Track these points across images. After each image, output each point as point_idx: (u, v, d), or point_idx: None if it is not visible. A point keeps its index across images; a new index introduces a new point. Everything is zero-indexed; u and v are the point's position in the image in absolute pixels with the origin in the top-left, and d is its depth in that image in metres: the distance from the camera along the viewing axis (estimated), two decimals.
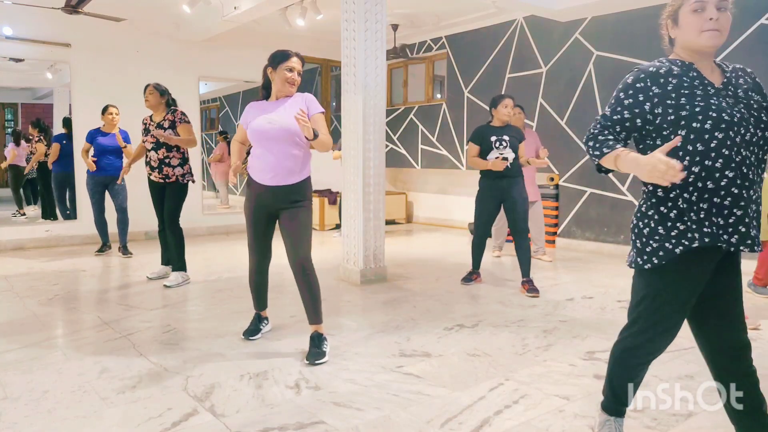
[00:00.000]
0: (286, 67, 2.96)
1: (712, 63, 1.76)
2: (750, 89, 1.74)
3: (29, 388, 2.57)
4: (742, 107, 1.67)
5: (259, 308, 3.37)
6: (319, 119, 2.98)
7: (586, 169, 6.39)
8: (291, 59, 2.98)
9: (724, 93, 1.70)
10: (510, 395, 2.51)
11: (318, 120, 2.97)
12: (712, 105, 1.65)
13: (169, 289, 4.48)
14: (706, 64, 1.74)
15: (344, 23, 4.77)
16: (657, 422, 2.26)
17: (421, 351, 3.10)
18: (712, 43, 1.67)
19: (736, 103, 1.68)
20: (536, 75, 6.89)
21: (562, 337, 3.35)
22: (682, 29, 1.72)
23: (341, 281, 4.85)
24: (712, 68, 1.75)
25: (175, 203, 4.59)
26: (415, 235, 7.84)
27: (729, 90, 1.71)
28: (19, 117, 9.17)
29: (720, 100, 1.67)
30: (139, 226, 6.67)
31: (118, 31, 6.56)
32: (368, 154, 4.75)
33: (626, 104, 1.73)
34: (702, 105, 1.65)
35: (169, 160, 4.53)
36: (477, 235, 4.67)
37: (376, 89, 4.75)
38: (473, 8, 6.96)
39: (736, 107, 1.66)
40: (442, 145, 8.29)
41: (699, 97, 1.66)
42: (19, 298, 4.23)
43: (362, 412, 2.35)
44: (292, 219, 2.99)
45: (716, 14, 1.65)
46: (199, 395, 2.50)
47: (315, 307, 3.03)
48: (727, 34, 1.68)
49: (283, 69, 2.96)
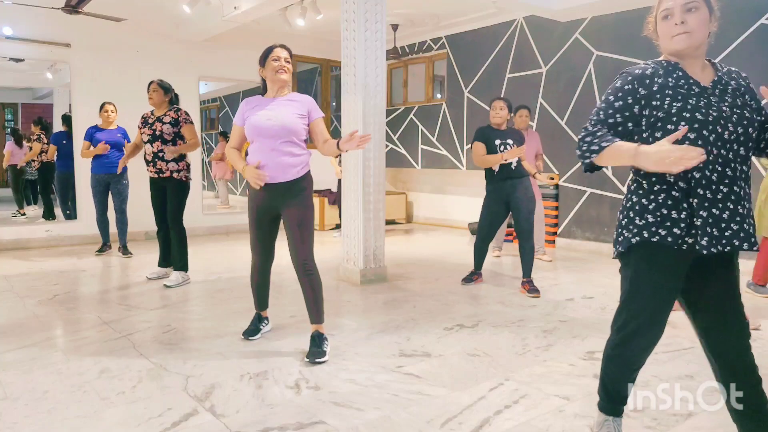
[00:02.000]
0: (272, 58, 2.99)
1: (703, 62, 1.78)
2: (739, 89, 1.75)
3: (29, 388, 2.57)
4: (725, 105, 1.69)
5: (259, 308, 3.37)
6: (320, 124, 3.04)
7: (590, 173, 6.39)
8: (274, 50, 3.01)
9: (711, 92, 1.72)
10: (510, 395, 2.51)
11: (320, 125, 3.04)
12: (688, 104, 1.67)
13: (169, 289, 4.48)
14: (694, 63, 1.76)
15: (344, 23, 4.77)
16: (657, 422, 2.26)
17: (421, 351, 3.10)
18: (683, 45, 1.71)
19: (720, 101, 1.70)
20: (536, 75, 6.89)
21: (562, 337, 3.35)
22: (659, 37, 1.79)
23: (341, 281, 4.85)
24: (702, 67, 1.78)
25: (176, 203, 4.57)
26: (415, 235, 7.84)
27: (717, 88, 1.73)
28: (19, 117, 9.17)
29: (699, 99, 1.69)
30: (139, 226, 6.67)
31: (118, 31, 6.56)
32: (368, 154, 4.75)
33: (617, 107, 1.76)
34: (678, 105, 1.68)
35: (163, 154, 4.51)
36: (480, 238, 4.65)
37: (376, 89, 4.75)
38: (473, 8, 6.96)
39: (715, 106, 1.68)
40: (442, 145, 8.29)
41: (680, 96, 1.69)
42: (19, 298, 4.24)
43: (362, 412, 2.35)
44: (293, 218, 2.99)
45: (682, 17, 1.70)
46: (199, 395, 2.50)
47: (317, 307, 3.03)
48: (700, 33, 1.71)
49: (270, 61, 2.99)
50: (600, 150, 1.73)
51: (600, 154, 1.74)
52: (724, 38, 5.12)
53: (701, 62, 1.78)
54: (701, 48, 1.75)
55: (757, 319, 3.58)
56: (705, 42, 1.75)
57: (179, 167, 4.54)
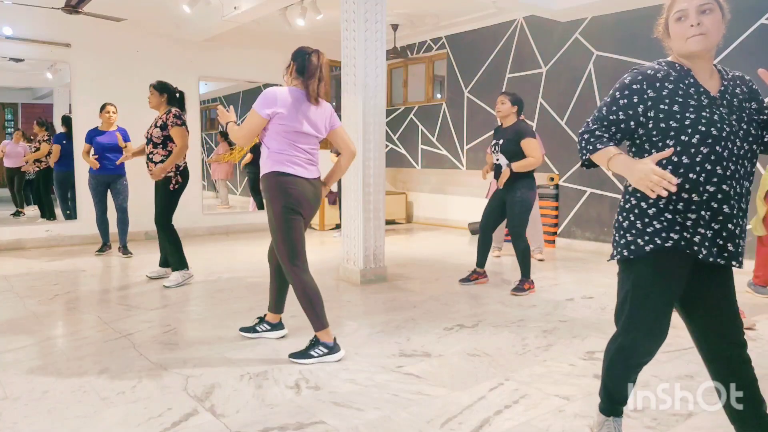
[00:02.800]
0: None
1: (711, 67, 1.76)
2: (746, 99, 1.75)
3: (29, 388, 2.57)
4: (734, 119, 1.69)
5: (269, 309, 3.33)
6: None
7: (585, 170, 6.38)
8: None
9: (719, 102, 1.70)
10: (510, 395, 2.51)
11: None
12: (703, 118, 1.66)
13: (169, 289, 4.48)
14: (704, 68, 1.74)
15: (344, 23, 4.77)
16: (657, 422, 2.26)
17: (421, 351, 3.10)
18: (698, 48, 1.69)
19: (729, 114, 1.69)
20: (536, 75, 6.89)
21: (562, 337, 3.35)
22: (672, 38, 1.77)
23: (341, 281, 4.85)
24: (711, 73, 1.76)
25: (160, 205, 4.50)
26: (415, 235, 7.84)
27: (725, 99, 1.72)
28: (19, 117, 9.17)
29: (713, 112, 1.68)
30: (139, 226, 6.66)
31: (118, 31, 6.56)
32: (368, 154, 4.75)
33: (621, 104, 1.75)
34: (693, 117, 1.66)
35: (153, 156, 4.50)
36: (480, 230, 4.68)
37: (376, 89, 4.75)
38: (473, 8, 6.95)
39: (727, 119, 1.68)
40: (442, 145, 8.29)
41: (691, 108, 1.68)
42: (19, 298, 4.24)
43: (362, 412, 2.35)
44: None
45: (698, 19, 1.67)
46: (199, 395, 2.50)
47: (307, 312, 2.96)
48: (715, 35, 1.70)
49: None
50: (594, 151, 1.75)
51: (595, 155, 1.76)
52: (724, 38, 5.10)
53: (710, 66, 1.76)
54: (713, 50, 1.74)
55: (752, 317, 3.59)
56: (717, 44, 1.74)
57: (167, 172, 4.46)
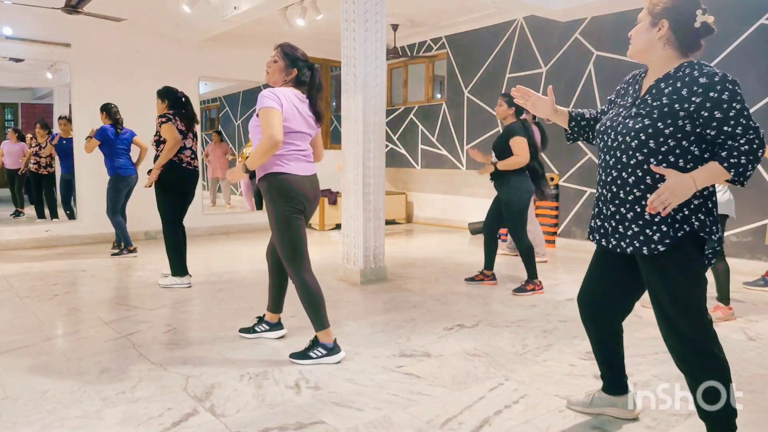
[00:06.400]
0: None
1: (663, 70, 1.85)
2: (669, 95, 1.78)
3: (29, 388, 2.57)
4: (623, 114, 1.88)
5: (267, 308, 3.33)
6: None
7: (585, 169, 6.39)
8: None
9: (640, 102, 1.86)
10: (510, 395, 2.51)
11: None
12: (611, 112, 1.98)
13: (168, 289, 4.48)
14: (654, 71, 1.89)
15: (344, 23, 4.77)
16: (657, 422, 2.27)
17: (421, 351, 3.10)
18: (628, 54, 1.96)
19: (627, 110, 1.89)
20: (536, 75, 6.88)
21: (562, 337, 3.35)
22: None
23: (341, 281, 4.85)
24: (657, 75, 1.87)
25: (159, 208, 4.46)
26: (415, 235, 7.84)
27: (646, 97, 1.85)
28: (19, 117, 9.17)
29: (620, 109, 1.93)
30: (139, 226, 6.66)
31: (118, 31, 6.56)
32: (368, 154, 4.74)
33: (608, 99, 2.10)
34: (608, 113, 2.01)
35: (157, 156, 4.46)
36: (483, 233, 4.71)
37: (376, 89, 4.74)
38: (473, 8, 6.95)
39: (620, 115, 1.89)
40: (442, 145, 8.29)
41: (616, 104, 2.01)
42: (19, 298, 4.23)
43: (362, 412, 2.35)
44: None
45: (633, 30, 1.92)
46: (199, 395, 2.50)
47: (308, 312, 2.95)
48: (638, 41, 1.89)
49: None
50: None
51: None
52: (724, 38, 5.12)
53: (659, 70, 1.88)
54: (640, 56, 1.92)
55: (752, 314, 3.58)
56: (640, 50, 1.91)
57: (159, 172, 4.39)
